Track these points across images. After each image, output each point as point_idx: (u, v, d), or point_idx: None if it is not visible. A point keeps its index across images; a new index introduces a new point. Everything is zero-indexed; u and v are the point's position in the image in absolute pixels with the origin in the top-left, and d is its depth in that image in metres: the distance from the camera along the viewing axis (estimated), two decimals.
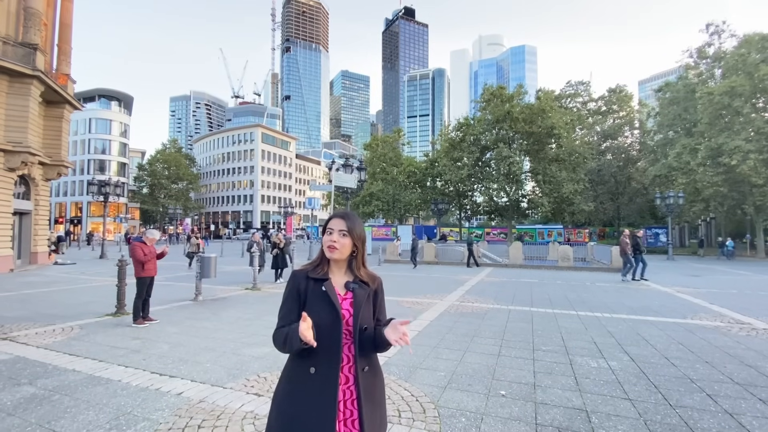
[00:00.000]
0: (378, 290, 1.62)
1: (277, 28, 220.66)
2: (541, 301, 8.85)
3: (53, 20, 18.96)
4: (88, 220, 59.90)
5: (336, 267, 1.57)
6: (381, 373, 1.58)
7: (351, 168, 17.65)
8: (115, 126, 64.33)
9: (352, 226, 1.53)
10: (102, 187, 23.99)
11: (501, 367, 4.39)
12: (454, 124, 36.91)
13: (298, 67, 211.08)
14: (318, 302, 1.46)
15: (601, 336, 5.83)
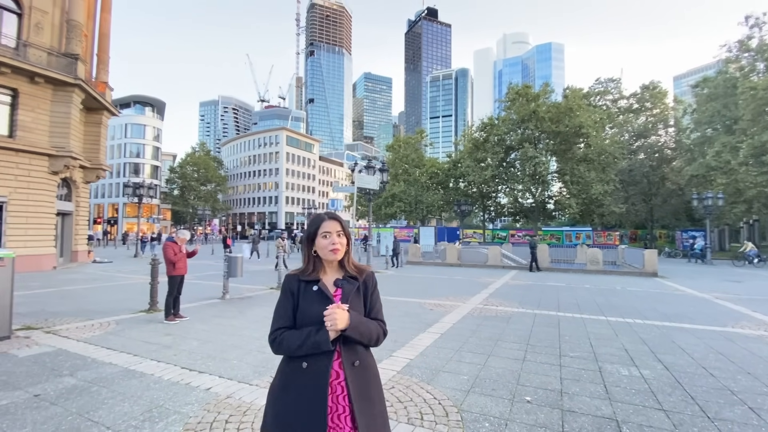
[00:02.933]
0: (368, 283, 1.64)
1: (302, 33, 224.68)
2: (568, 306, 8.60)
3: (93, 31, 20.03)
4: (124, 221, 62.78)
5: (329, 267, 1.63)
6: (374, 369, 1.58)
7: (373, 169, 17.71)
8: (148, 131, 67.27)
9: (345, 225, 1.65)
10: (136, 189, 25.12)
11: (526, 373, 4.30)
12: (477, 125, 36.39)
13: (322, 71, 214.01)
14: (310, 302, 1.52)
15: (633, 343, 5.60)
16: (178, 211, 68.47)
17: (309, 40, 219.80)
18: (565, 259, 20.36)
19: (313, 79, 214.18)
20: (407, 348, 5.20)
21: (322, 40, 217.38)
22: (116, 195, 63.43)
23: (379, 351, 4.98)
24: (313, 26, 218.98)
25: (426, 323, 6.67)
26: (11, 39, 14.80)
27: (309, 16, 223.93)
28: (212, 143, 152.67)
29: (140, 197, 25.09)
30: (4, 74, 14.16)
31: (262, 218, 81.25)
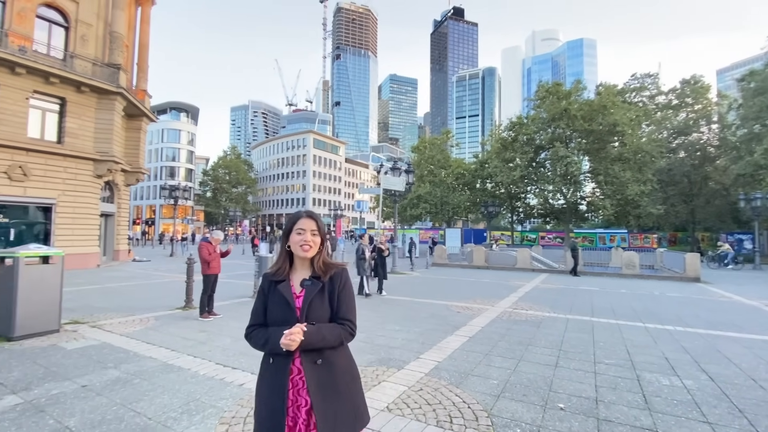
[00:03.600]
0: (334, 281, 1.63)
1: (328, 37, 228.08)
2: (602, 311, 8.27)
3: (133, 41, 21.14)
4: (160, 222, 65.74)
5: (300, 265, 1.68)
6: (344, 366, 1.60)
7: (399, 171, 17.72)
8: (183, 135, 70.21)
9: (321, 225, 1.67)
10: (172, 191, 26.28)
11: (559, 379, 4.16)
12: (505, 124, 35.65)
13: (348, 74, 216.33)
14: (275, 303, 1.60)
15: (674, 351, 5.32)
16: (211, 212, 70.99)
17: (335, 43, 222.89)
18: (599, 263, 19.61)
19: (340, 83, 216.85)
20: (435, 350, 5.16)
21: (348, 43, 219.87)
22: (153, 197, 66.52)
23: (407, 352, 4.99)
24: (339, 30, 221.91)
25: (453, 326, 6.60)
26: (59, 51, 15.85)
27: (335, 20, 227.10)
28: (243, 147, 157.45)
29: (176, 199, 26.22)
30: (53, 84, 15.18)
31: None
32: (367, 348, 5.23)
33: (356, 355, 4.79)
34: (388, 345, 5.39)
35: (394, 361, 4.70)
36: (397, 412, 3.30)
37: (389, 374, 4.23)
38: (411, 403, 3.48)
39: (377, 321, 6.94)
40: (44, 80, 14.91)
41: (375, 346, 5.35)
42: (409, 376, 4.19)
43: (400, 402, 3.51)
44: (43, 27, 15.46)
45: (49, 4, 15.50)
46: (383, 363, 4.62)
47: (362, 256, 10.17)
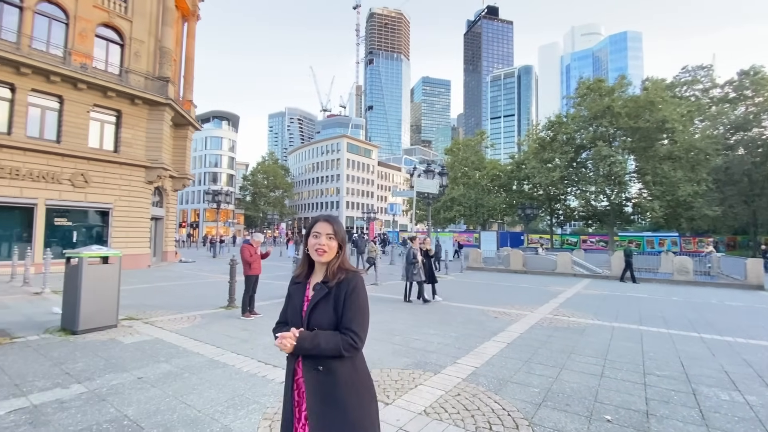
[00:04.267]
0: (341, 288, 1.57)
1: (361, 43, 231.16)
2: (652, 320, 7.78)
3: (180, 55, 22.50)
4: (204, 225, 69.18)
5: (319, 269, 1.67)
6: (347, 376, 1.52)
7: (433, 173, 17.61)
8: (225, 142, 73.65)
9: (338, 229, 1.64)
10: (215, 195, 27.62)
11: (605, 390, 3.97)
12: (543, 123, 34.45)
13: (380, 78, 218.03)
14: (290, 304, 1.66)
15: (735, 365, 4.91)
16: (250, 215, 73.83)
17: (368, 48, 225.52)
18: (647, 268, 18.48)
19: (372, 87, 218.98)
20: (472, 356, 5.08)
21: (380, 48, 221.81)
22: (198, 201, 70.17)
23: (443, 357, 4.94)
24: (372, 35, 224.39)
25: (490, 331, 6.46)
26: (115, 67, 17.14)
27: (368, 25, 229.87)
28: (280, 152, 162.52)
29: (218, 203, 27.54)
30: (110, 98, 16.44)
31: None
32: (403, 351, 5.24)
33: (393, 358, 4.84)
34: (424, 349, 5.37)
35: (431, 365, 4.68)
36: (434, 416, 3.28)
37: (426, 378, 4.21)
38: (449, 408, 3.45)
39: (412, 324, 6.92)
40: (103, 94, 16.18)
41: (411, 349, 5.34)
42: (446, 380, 4.15)
43: (438, 406, 3.49)
44: (101, 45, 16.79)
45: (107, 24, 16.82)
46: (420, 366, 4.60)
47: (413, 260, 9.37)
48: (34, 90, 14.51)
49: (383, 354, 5.07)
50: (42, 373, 4.15)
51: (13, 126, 14.02)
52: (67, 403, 3.42)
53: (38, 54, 14.56)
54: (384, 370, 4.42)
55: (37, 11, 14.79)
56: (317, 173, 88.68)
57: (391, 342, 5.68)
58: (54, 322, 6.33)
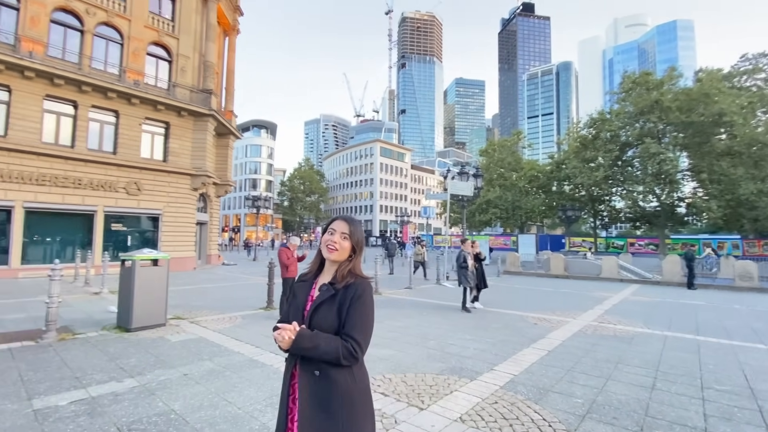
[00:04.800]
0: (348, 293, 1.49)
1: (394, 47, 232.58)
2: (711, 329, 7.18)
3: (222, 68, 23.68)
4: (245, 229, 72.10)
5: (329, 269, 1.61)
6: (344, 385, 1.43)
7: (467, 175, 17.32)
8: (264, 150, 76.63)
9: (354, 231, 1.59)
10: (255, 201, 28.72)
11: (657, 403, 3.69)
12: (585, 121, 32.89)
13: (413, 81, 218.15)
14: (293, 302, 1.60)
15: None
16: (288, 220, 76.09)
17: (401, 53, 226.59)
18: (703, 273, 17.09)
19: (405, 91, 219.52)
20: (510, 363, 4.91)
21: (413, 51, 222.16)
22: (239, 207, 73.31)
23: (479, 363, 4.82)
24: (404, 39, 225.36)
25: (530, 338, 6.22)
26: (164, 81, 18.31)
27: (400, 30, 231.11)
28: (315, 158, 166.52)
29: (258, 208, 28.61)
30: (160, 111, 17.57)
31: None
32: (438, 356, 5.16)
33: (427, 363, 4.78)
34: (459, 354, 5.26)
35: (467, 371, 4.57)
36: (470, 424, 3.20)
37: (461, 384, 4.12)
38: (485, 416, 3.35)
39: (448, 329, 6.81)
40: (153, 108, 17.32)
41: (446, 354, 5.25)
42: (483, 387, 4.04)
43: (474, 414, 3.39)
44: (152, 62, 18.01)
45: (156, 42, 18.03)
46: (455, 372, 4.51)
47: (464, 264, 8.75)
48: (94, 106, 15.79)
49: (417, 358, 5.02)
50: (99, 367, 4.48)
51: (76, 140, 15.34)
52: (121, 395, 3.66)
53: (97, 73, 15.86)
54: (418, 375, 4.37)
55: (95, 34, 16.12)
56: (351, 178, 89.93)
57: (425, 346, 5.62)
58: (110, 320, 6.81)
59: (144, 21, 17.42)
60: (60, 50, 15.16)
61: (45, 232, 14.86)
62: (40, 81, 14.27)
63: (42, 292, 6.04)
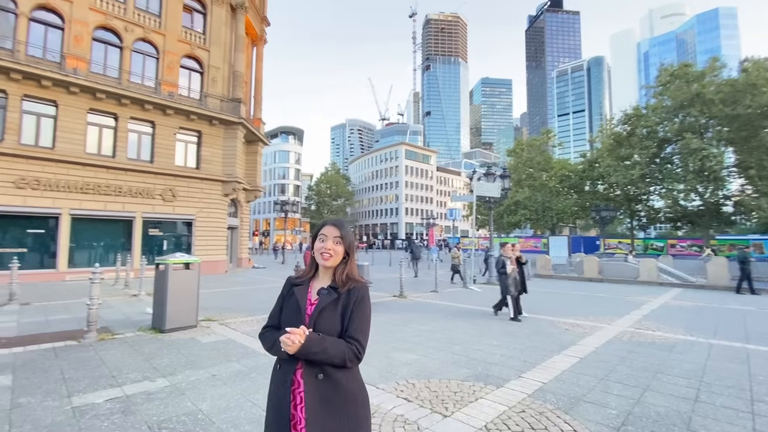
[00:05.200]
0: (351, 296, 1.53)
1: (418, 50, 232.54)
2: (763, 337, 6.64)
3: (250, 77, 24.43)
4: (274, 233, 73.88)
5: (324, 274, 1.62)
6: (348, 386, 1.46)
7: (493, 176, 16.98)
8: (291, 156, 78.35)
9: (345, 234, 1.59)
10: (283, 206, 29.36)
11: (700, 417, 3.44)
12: (618, 117, 31.49)
13: (438, 83, 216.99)
14: (289, 306, 1.57)
15: None
16: (315, 223, 77.30)
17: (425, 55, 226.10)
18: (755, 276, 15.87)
19: (430, 92, 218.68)
20: (539, 370, 4.73)
21: (437, 53, 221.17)
22: (268, 211, 75.21)
23: (506, 370, 4.67)
24: (428, 41, 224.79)
25: (560, 344, 5.98)
26: (196, 92, 19.09)
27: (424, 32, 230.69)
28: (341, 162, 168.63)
29: (286, 213, 29.26)
30: (192, 121, 18.33)
31: (384, 229, 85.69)
32: (463, 361, 5.05)
33: (452, 369, 4.69)
34: (485, 360, 5.12)
35: (493, 378, 4.44)
36: None
37: (487, 391, 4.00)
38: (512, 425, 3.23)
39: (474, 334, 6.66)
40: (186, 118, 18.09)
41: (471, 360, 5.13)
42: (510, 395, 3.90)
43: (500, 423, 3.28)
44: (185, 74, 18.82)
45: (189, 55, 18.84)
46: (480, 379, 4.39)
47: (503, 270, 8.04)
48: (133, 118, 16.67)
49: (442, 364, 4.93)
50: (134, 366, 4.68)
51: (117, 150, 16.24)
52: (153, 395, 3.80)
53: (135, 86, 16.76)
54: (443, 381, 4.29)
55: (133, 49, 17.05)
56: (376, 181, 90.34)
57: (450, 351, 5.51)
58: (146, 321, 7.12)
59: (177, 35, 18.26)
60: (101, 66, 16.13)
61: (89, 237, 15.79)
62: (84, 96, 15.23)
63: (86, 294, 6.40)
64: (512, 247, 8.52)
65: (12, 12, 14.15)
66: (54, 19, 15.07)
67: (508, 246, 8.58)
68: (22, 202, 13.86)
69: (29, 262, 14.00)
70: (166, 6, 18.01)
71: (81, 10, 15.45)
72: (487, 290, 12.95)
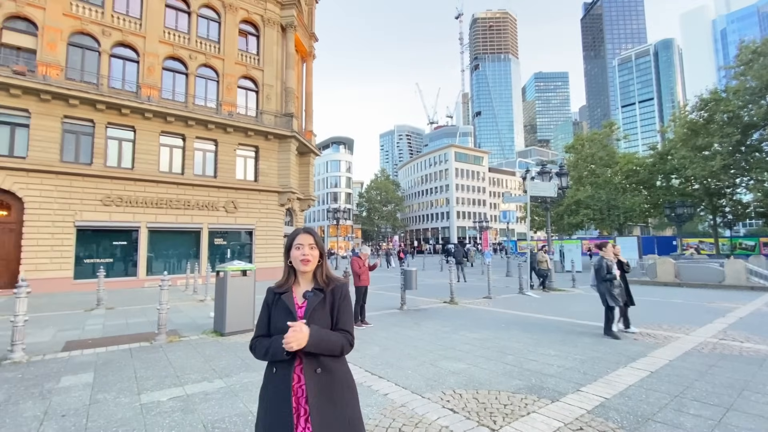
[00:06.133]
0: (335, 294, 1.69)
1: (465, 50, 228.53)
2: None
3: (301, 92, 25.58)
4: (327, 240, 76.26)
5: (303, 279, 1.75)
6: (342, 375, 1.63)
7: (549, 174, 16.05)
8: (342, 165, 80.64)
9: (317, 239, 1.75)
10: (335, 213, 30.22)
11: None
12: (693, 103, 28.33)
13: (488, 82, 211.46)
14: (278, 313, 1.66)
15: None
16: (366, 229, 78.67)
17: (473, 54, 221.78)
18: None
19: (479, 92, 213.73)
20: (601, 383, 4.34)
21: (486, 51, 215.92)
22: (321, 219, 77.82)
23: (563, 382, 4.35)
24: (476, 41, 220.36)
25: (627, 356, 5.45)
26: (252, 110, 20.37)
27: (471, 31, 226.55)
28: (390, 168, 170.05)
29: (337, 220, 30.05)
30: (250, 137, 19.56)
31: (435, 234, 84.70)
32: (516, 372, 4.78)
33: (503, 379, 4.48)
34: (540, 371, 4.80)
35: (547, 390, 4.14)
36: None
37: (540, 405, 3.73)
38: None
39: (528, 343, 6.29)
40: (245, 134, 19.36)
41: (524, 370, 4.84)
42: (566, 410, 3.61)
43: None
44: (242, 94, 20.19)
45: (245, 76, 20.20)
46: (533, 391, 4.12)
47: (608, 276, 6.76)
48: (198, 137, 18.20)
49: (492, 374, 4.71)
50: (196, 367, 5.03)
51: (185, 167, 17.79)
52: (210, 395, 4.04)
53: (199, 108, 18.30)
54: (492, 392, 4.08)
55: (197, 75, 18.66)
56: (426, 185, 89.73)
57: (502, 361, 5.25)
58: (209, 324, 7.64)
59: (234, 58, 19.67)
60: (170, 92, 17.83)
61: (163, 247, 17.40)
62: (156, 120, 16.93)
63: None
64: (614, 248, 7.15)
65: (96, 50, 16.19)
66: (130, 53, 16.99)
67: (610, 247, 7.10)
68: (108, 218, 15.67)
69: (114, 271, 15.76)
70: (224, 32, 19.52)
71: (152, 44, 17.25)
72: (545, 297, 12.26)
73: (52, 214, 14.55)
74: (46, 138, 14.63)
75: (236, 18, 19.94)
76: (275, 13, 21.26)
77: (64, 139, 15.16)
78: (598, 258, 7.11)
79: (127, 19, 16.95)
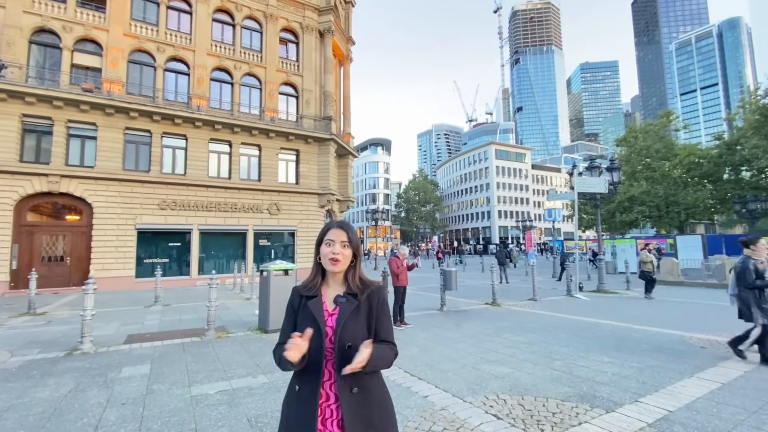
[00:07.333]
0: (371, 301, 1.49)
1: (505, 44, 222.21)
2: None
3: (339, 95, 26.02)
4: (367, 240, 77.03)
5: (333, 280, 1.54)
6: (380, 395, 1.43)
7: (598, 170, 15.10)
8: (380, 166, 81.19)
9: (352, 237, 1.51)
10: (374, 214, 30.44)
11: None
12: (767, 86, 25.63)
13: (529, 75, 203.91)
14: (304, 320, 1.44)
15: None
16: (405, 230, 78.60)
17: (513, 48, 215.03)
18: None
19: (520, 87, 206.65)
20: (663, 395, 3.96)
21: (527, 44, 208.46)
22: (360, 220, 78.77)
23: (619, 392, 4.03)
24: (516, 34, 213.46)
25: (693, 365, 4.95)
26: (293, 115, 21.00)
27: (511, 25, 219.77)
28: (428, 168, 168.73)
29: (376, 221, 30.25)
30: (291, 141, 20.17)
31: (476, 234, 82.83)
32: (565, 378, 4.49)
33: (551, 386, 4.24)
34: (592, 379, 4.48)
35: (601, 399, 3.85)
36: None
37: (593, 415, 3.47)
38: None
39: (579, 347, 5.92)
40: (286, 139, 20.00)
41: (575, 377, 4.54)
42: (623, 422, 3.33)
43: None
44: (283, 100, 20.89)
45: (286, 82, 20.87)
46: (585, 400, 3.84)
47: (758, 282, 5.05)
48: (243, 143, 19.04)
49: (539, 379, 4.46)
50: (242, 363, 5.21)
51: (231, 172, 18.68)
52: (254, 390, 4.16)
53: (243, 115, 19.15)
54: (539, 399, 3.86)
55: (241, 83, 19.54)
56: (466, 184, 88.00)
57: (549, 366, 4.97)
58: (254, 322, 7.93)
59: (276, 66, 20.39)
60: (218, 101, 18.82)
61: (213, 248, 18.37)
62: (205, 128, 17.92)
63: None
64: (765, 246, 5.34)
65: (152, 66, 17.44)
66: (181, 67, 18.13)
67: (762, 243, 5.33)
68: (164, 221, 16.80)
69: (170, 270, 16.85)
70: (265, 41, 20.30)
71: (201, 57, 18.30)
72: (597, 300, 11.55)
73: (117, 218, 15.84)
74: (111, 148, 15.97)
75: (277, 27, 20.67)
76: (313, 20, 21.80)
77: (126, 149, 16.47)
78: (742, 258, 5.39)
79: (179, 34, 18.12)
